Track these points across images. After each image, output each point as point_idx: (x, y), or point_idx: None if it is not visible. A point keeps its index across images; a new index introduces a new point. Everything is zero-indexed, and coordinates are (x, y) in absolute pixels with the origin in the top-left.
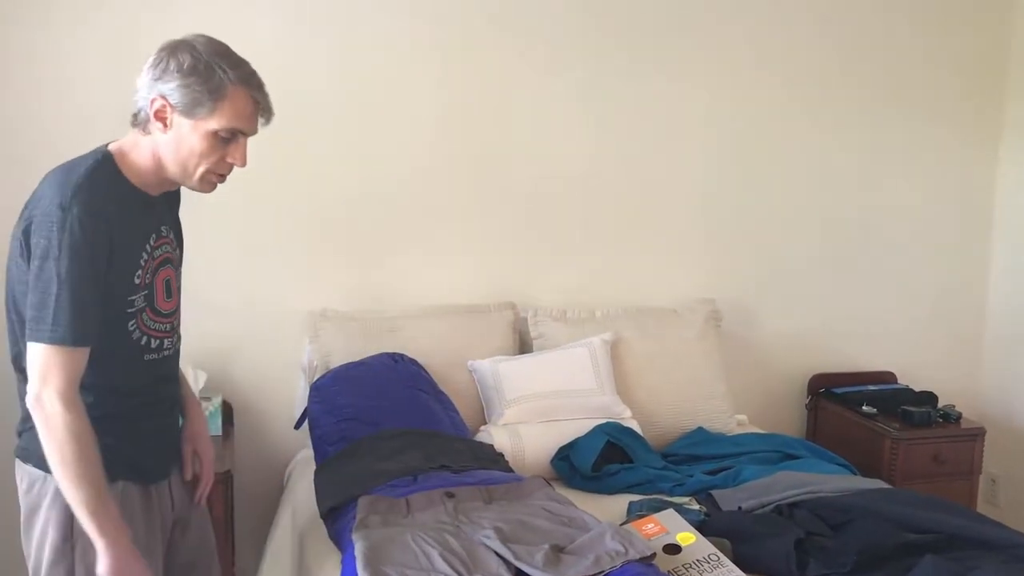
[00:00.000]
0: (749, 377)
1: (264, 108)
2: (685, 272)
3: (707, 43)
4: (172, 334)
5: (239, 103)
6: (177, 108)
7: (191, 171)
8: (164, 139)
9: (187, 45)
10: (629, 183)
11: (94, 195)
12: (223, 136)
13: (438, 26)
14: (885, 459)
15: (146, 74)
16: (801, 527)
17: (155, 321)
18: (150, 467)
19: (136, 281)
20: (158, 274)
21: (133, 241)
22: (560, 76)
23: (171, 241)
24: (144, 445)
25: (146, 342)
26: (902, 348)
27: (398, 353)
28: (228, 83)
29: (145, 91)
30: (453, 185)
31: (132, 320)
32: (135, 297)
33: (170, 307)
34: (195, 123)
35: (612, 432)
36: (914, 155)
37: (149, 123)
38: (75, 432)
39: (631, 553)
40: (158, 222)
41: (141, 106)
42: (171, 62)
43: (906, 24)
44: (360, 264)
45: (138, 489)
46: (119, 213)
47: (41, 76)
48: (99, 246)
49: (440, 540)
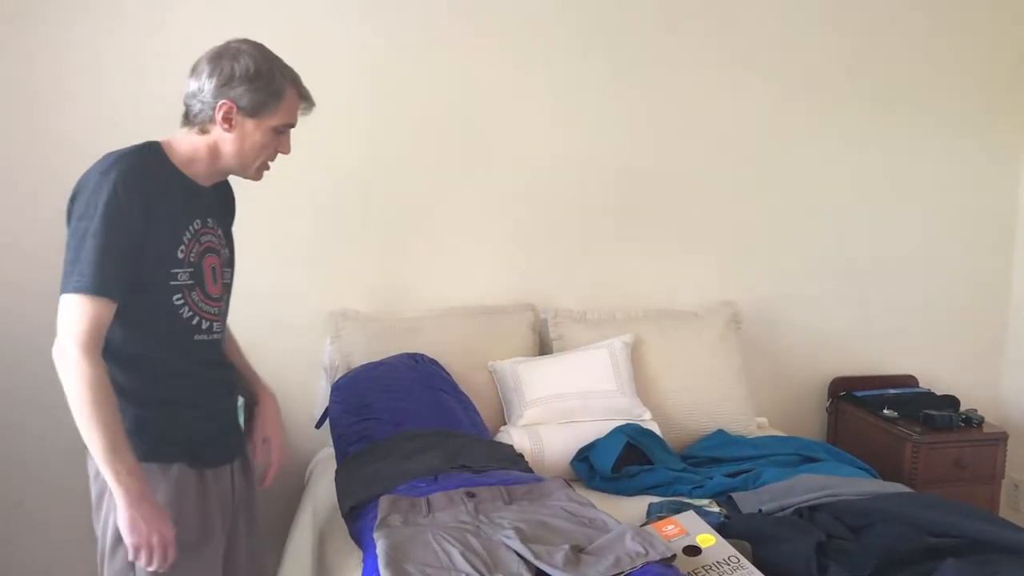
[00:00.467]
0: (769, 380)
1: (306, 100)
2: (706, 274)
3: (734, 43)
4: (220, 318)
5: (292, 101)
6: (244, 110)
7: (250, 163)
8: (227, 137)
9: (242, 52)
10: (650, 185)
11: (134, 166)
12: (279, 131)
13: (456, 25)
14: (906, 463)
15: (206, 82)
16: (821, 530)
17: (205, 303)
18: (205, 452)
19: (179, 256)
20: (205, 258)
21: (174, 217)
22: (583, 75)
23: (218, 236)
24: (197, 429)
25: (197, 322)
26: (923, 352)
27: (419, 353)
28: (285, 85)
29: (210, 97)
30: (474, 187)
31: (179, 295)
32: (179, 271)
33: (217, 292)
34: (258, 121)
35: (632, 434)
36: (938, 158)
37: (209, 124)
38: (90, 379)
39: (651, 554)
40: (205, 211)
41: (200, 109)
42: (236, 69)
43: (931, 28)
44: (381, 265)
45: (194, 473)
46: (159, 188)
47: (70, 89)
48: (134, 210)
49: (461, 539)
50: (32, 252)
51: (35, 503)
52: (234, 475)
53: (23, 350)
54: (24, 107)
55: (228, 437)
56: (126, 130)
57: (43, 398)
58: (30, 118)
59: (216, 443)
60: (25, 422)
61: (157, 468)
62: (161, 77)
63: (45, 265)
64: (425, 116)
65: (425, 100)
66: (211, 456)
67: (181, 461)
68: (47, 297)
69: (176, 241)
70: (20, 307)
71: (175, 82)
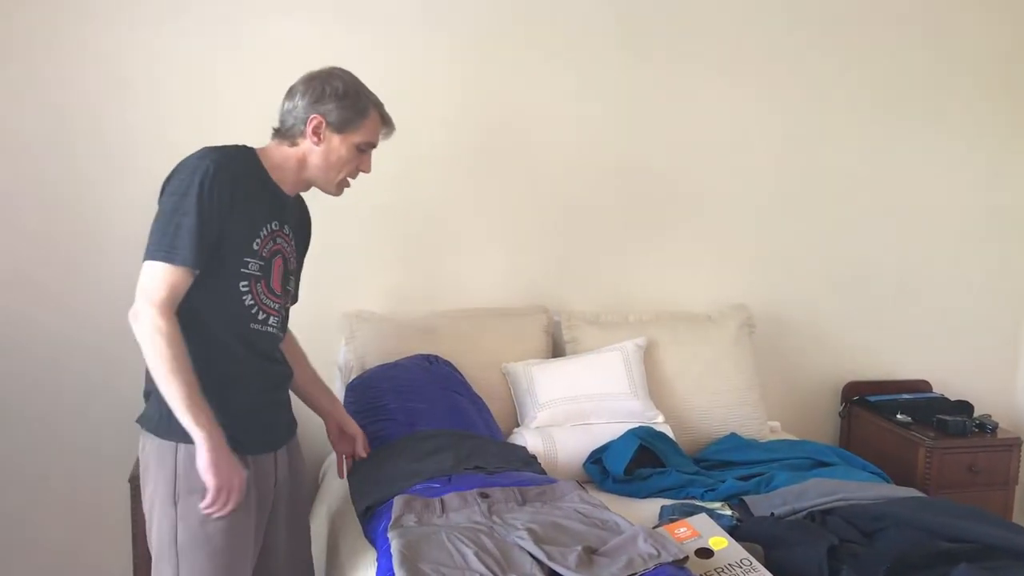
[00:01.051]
0: (782, 384)
1: (388, 124)
2: (719, 277)
3: (746, 47)
4: (279, 315)
5: (375, 121)
6: (332, 125)
7: (333, 177)
8: (315, 150)
9: (335, 75)
10: (665, 188)
11: (229, 156)
12: (361, 148)
13: (470, 23)
14: (919, 468)
15: (299, 98)
16: (834, 534)
17: (268, 297)
18: (247, 439)
19: (254, 247)
20: (275, 258)
21: (255, 211)
22: (595, 78)
23: (290, 243)
24: (241, 416)
25: (256, 311)
26: (937, 357)
27: (433, 355)
28: (370, 105)
29: (302, 112)
30: (487, 189)
31: (245, 282)
32: (251, 261)
33: (279, 290)
34: (344, 137)
35: (645, 436)
36: (954, 164)
37: (299, 137)
38: (168, 336)
39: (664, 556)
40: (284, 217)
41: (293, 123)
42: (327, 88)
43: (946, 36)
44: (395, 267)
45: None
46: (247, 181)
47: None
48: (221, 194)
49: (475, 540)
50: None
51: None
52: (277, 464)
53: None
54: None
55: (272, 429)
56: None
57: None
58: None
59: (257, 432)
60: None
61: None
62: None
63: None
64: (439, 118)
65: (439, 103)
66: (252, 443)
67: None
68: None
69: (254, 233)
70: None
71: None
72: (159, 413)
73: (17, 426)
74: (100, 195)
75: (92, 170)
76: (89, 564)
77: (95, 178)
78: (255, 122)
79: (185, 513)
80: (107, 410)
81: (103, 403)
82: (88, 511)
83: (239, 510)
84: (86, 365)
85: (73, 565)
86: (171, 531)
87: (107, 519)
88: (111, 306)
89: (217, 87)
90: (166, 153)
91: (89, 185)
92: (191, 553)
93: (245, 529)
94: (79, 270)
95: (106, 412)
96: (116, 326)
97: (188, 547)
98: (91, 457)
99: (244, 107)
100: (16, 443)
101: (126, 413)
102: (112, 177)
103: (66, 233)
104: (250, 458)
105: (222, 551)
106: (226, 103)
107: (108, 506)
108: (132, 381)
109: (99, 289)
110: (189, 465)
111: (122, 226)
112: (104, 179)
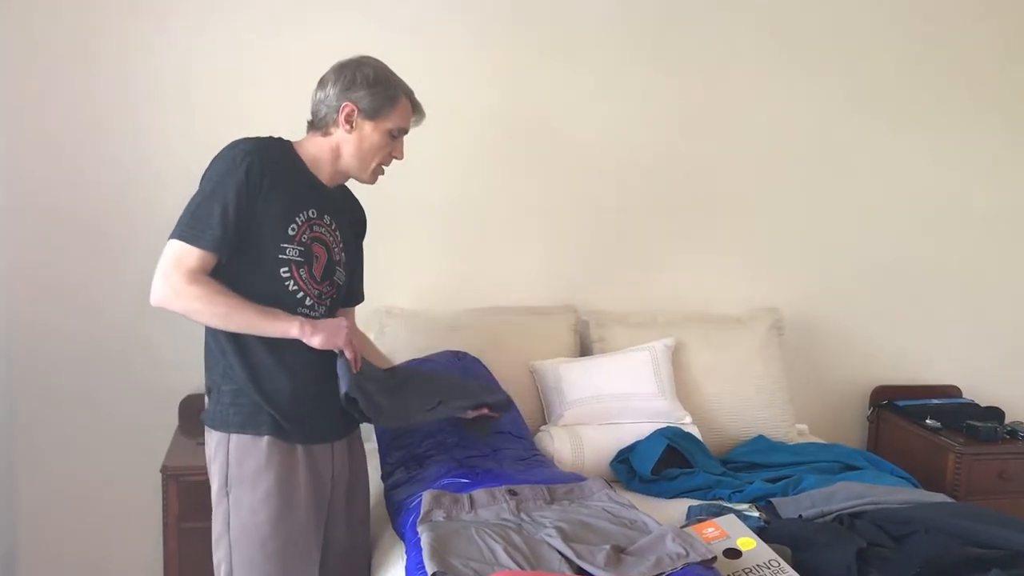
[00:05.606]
0: (811, 387)
1: (418, 111)
2: (748, 279)
3: (789, 45)
4: (324, 303)
5: (405, 107)
6: (364, 112)
7: (367, 164)
8: (348, 138)
9: (364, 63)
10: (695, 187)
11: (261, 146)
12: (394, 134)
13: (500, 25)
14: (949, 474)
15: (331, 88)
16: (863, 537)
17: (311, 283)
18: (297, 429)
19: (291, 232)
20: (314, 245)
21: (291, 198)
22: (626, 77)
23: (332, 233)
24: (288, 406)
25: (301, 297)
26: (967, 362)
27: (462, 351)
28: (400, 91)
29: (334, 100)
30: (519, 188)
31: (286, 267)
32: (288, 246)
33: (321, 278)
34: (376, 123)
35: (672, 437)
36: (988, 169)
37: (332, 126)
38: (201, 296)
39: (692, 556)
40: (325, 206)
41: (325, 112)
42: (357, 76)
43: (987, 32)
44: (425, 264)
45: (286, 446)
46: (281, 169)
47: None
48: (253, 177)
49: (503, 536)
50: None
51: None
52: (335, 457)
53: None
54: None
55: (323, 420)
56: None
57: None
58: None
59: (307, 422)
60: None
61: (250, 439)
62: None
63: None
64: (469, 116)
65: (468, 101)
66: (301, 433)
67: (272, 434)
68: None
69: (288, 219)
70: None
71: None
72: (216, 408)
73: (56, 413)
74: (141, 193)
75: (129, 168)
76: (121, 554)
77: (133, 178)
78: (290, 121)
79: (236, 502)
80: (141, 398)
81: (137, 391)
82: (119, 503)
83: (285, 502)
84: (121, 357)
85: (105, 557)
86: (224, 520)
87: (138, 509)
88: (144, 301)
89: (250, 90)
90: (202, 153)
91: (131, 185)
92: (242, 541)
93: (296, 520)
94: (113, 268)
95: (140, 401)
96: (149, 319)
97: (239, 536)
98: (123, 448)
99: (277, 108)
100: (50, 434)
101: (161, 401)
102: (151, 178)
103: (104, 231)
104: (301, 448)
105: (271, 538)
106: (259, 106)
107: (140, 496)
108: (163, 372)
109: (133, 285)
110: (239, 455)
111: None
112: (144, 179)
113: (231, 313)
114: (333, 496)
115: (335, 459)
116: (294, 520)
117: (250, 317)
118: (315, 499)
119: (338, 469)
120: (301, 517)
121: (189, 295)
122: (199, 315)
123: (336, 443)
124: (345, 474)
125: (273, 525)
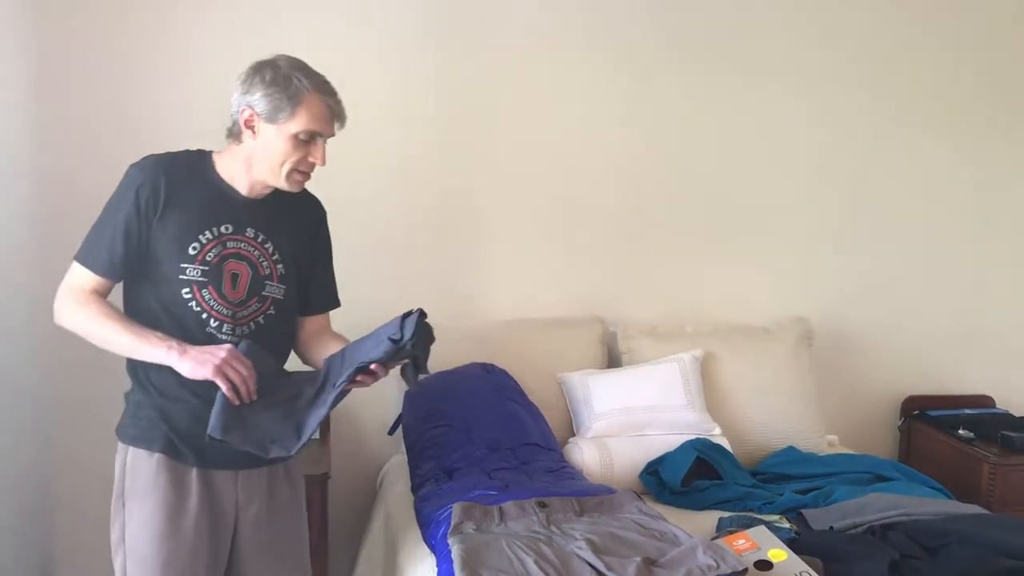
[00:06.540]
0: (841, 397)
1: (338, 113)
2: (777, 289)
3: (802, 55)
4: (233, 323)
5: (315, 108)
6: (262, 116)
7: (278, 170)
8: (254, 145)
9: (270, 63)
10: (720, 199)
11: (161, 161)
12: (302, 138)
13: (533, 34)
14: (983, 485)
15: (235, 91)
16: (895, 549)
17: (218, 303)
18: (188, 450)
19: (191, 252)
20: (226, 263)
21: (193, 215)
22: (649, 86)
23: (257, 246)
24: (184, 425)
25: (206, 318)
26: (1000, 372)
27: (489, 364)
28: (304, 90)
29: (236, 105)
30: (546, 199)
31: (187, 288)
32: (188, 266)
33: (236, 298)
34: (278, 128)
35: (702, 448)
36: (1021, 172)
37: (241, 133)
38: (76, 316)
39: (723, 567)
40: (246, 220)
41: (234, 118)
42: (256, 77)
43: (1018, 37)
44: (452, 275)
45: (177, 466)
46: (187, 184)
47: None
48: (143, 202)
49: (534, 548)
50: None
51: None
52: (238, 486)
53: None
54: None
55: (223, 446)
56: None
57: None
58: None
59: (200, 444)
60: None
61: (144, 454)
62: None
63: None
64: (498, 126)
65: (498, 115)
66: (197, 456)
67: (165, 452)
68: None
69: (189, 239)
70: None
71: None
72: (122, 417)
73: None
74: None
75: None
76: None
77: None
78: None
79: (130, 514)
80: None
81: None
82: None
83: (169, 526)
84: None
85: None
86: (120, 529)
87: None
88: None
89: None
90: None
91: None
92: (129, 555)
93: (181, 545)
94: None
95: None
96: None
97: (132, 547)
98: None
99: None
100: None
101: None
102: None
103: None
104: (196, 471)
105: (152, 557)
106: None
107: None
108: None
109: None
110: (133, 468)
111: None
112: None
113: (111, 337)
114: (239, 528)
115: (239, 489)
116: (179, 544)
117: (128, 340)
118: (209, 527)
119: (243, 500)
120: (188, 543)
121: (77, 315)
122: (88, 335)
123: (243, 471)
124: (256, 507)
125: (155, 545)
